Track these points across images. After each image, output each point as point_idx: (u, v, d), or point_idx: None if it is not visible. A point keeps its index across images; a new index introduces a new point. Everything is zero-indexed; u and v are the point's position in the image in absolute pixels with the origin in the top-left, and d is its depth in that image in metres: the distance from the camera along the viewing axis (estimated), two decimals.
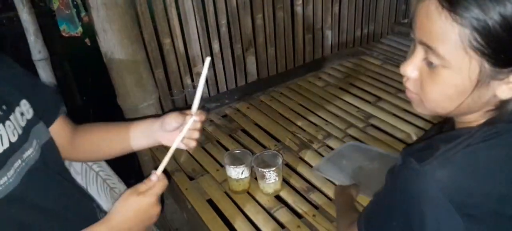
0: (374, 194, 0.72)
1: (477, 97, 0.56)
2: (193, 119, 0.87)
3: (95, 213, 0.94)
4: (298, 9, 1.92)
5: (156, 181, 0.79)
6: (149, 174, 0.80)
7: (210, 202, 1.28)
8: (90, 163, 1.12)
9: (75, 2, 1.48)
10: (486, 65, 0.53)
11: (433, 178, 0.54)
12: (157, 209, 0.79)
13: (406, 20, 2.40)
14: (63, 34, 1.54)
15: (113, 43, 1.37)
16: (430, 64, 0.56)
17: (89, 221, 0.76)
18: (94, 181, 1.18)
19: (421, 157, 0.56)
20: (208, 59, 0.81)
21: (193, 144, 0.90)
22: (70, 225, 0.79)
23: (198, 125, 0.89)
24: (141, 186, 0.77)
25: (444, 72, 0.55)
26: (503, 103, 0.57)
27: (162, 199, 0.80)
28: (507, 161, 0.56)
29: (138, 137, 0.95)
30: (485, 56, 0.52)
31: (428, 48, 0.55)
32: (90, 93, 2.45)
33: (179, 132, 0.86)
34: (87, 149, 0.96)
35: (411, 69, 0.60)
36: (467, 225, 0.54)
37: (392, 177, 0.63)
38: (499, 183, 0.55)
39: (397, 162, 0.61)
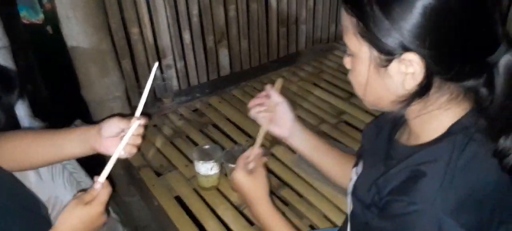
0: None
1: (386, 89, 0.57)
2: (138, 123, 0.83)
3: (43, 223, 0.88)
4: (272, 1, 1.88)
5: (100, 189, 0.78)
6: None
7: (178, 199, 1.24)
8: None
9: None
10: (374, 52, 0.55)
11: (444, 209, 0.52)
12: (103, 218, 0.79)
13: None
14: (24, 21, 1.46)
15: (77, 31, 1.30)
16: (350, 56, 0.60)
17: None
18: (60, 173, 1.12)
19: (418, 190, 0.54)
20: (155, 65, 0.84)
21: (134, 150, 0.87)
22: None
23: (142, 130, 0.86)
24: (86, 196, 0.77)
25: (353, 61, 0.60)
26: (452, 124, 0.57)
27: (107, 209, 0.80)
28: (488, 166, 0.55)
29: (71, 144, 0.88)
30: (370, 42, 0.55)
31: None
32: (54, 84, 2.35)
33: (119, 138, 0.83)
34: (10, 158, 0.87)
35: (346, 62, 0.63)
36: None
37: (402, 224, 0.56)
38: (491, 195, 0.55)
39: (393, 207, 0.57)
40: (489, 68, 0.54)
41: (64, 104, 2.12)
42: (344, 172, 0.89)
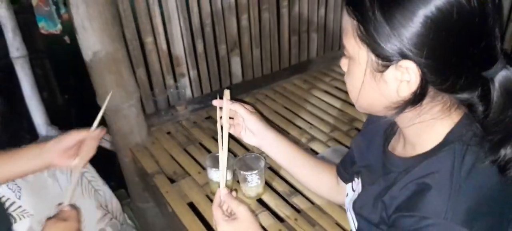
0: None
1: (380, 94, 0.58)
2: (96, 134, 0.91)
3: None
4: (284, 10, 1.90)
5: (69, 209, 0.88)
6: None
7: (191, 205, 1.25)
8: None
9: None
10: (372, 56, 0.55)
11: (457, 220, 0.53)
12: None
13: None
14: (42, 31, 1.50)
15: (93, 41, 1.33)
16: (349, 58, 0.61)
17: None
18: (79, 181, 1.15)
19: (427, 203, 0.54)
20: (110, 94, 0.99)
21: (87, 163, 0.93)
22: None
23: (96, 143, 0.93)
24: (61, 214, 0.87)
25: (350, 63, 0.60)
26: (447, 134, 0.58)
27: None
28: (488, 174, 0.55)
29: (25, 160, 0.91)
30: (369, 46, 0.55)
31: None
32: (72, 92, 2.39)
33: (75, 150, 0.89)
34: None
35: (342, 64, 0.63)
36: None
37: None
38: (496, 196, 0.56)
39: (404, 223, 0.56)
40: (485, 82, 0.55)
41: (80, 112, 2.16)
42: (320, 181, 0.91)
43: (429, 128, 0.59)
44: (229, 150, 1.43)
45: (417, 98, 0.56)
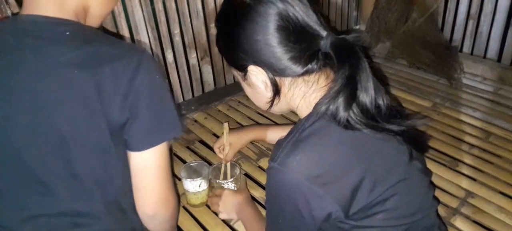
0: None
1: (259, 93, 0.74)
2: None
3: None
4: None
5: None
6: None
7: None
8: None
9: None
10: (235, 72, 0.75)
11: (287, 168, 0.63)
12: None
13: (358, 27, 2.46)
14: None
15: None
16: None
17: None
18: None
19: (274, 156, 0.66)
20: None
21: None
22: None
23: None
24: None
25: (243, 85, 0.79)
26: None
27: None
28: (327, 130, 0.65)
29: None
30: (230, 65, 0.75)
31: None
32: None
33: None
34: None
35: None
36: (327, 192, 0.63)
37: (266, 183, 0.71)
38: (335, 150, 0.65)
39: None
40: (324, 54, 0.67)
41: None
42: None
43: (305, 104, 0.71)
44: (204, 159, 1.44)
45: (275, 89, 0.70)
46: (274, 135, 1.20)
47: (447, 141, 1.50)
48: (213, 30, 1.79)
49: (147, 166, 0.73)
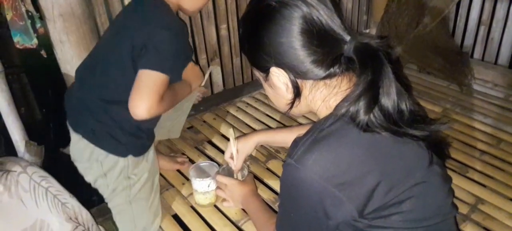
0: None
1: (279, 95, 0.74)
2: None
3: None
4: None
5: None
6: None
7: (176, 217, 1.24)
8: (37, 179, 1.08)
9: (30, 13, 1.41)
10: (257, 73, 0.76)
11: (303, 165, 0.63)
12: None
13: (367, 31, 2.46)
14: (17, 46, 1.46)
15: (71, 55, 1.31)
16: None
17: None
18: (43, 197, 1.13)
19: (291, 153, 0.67)
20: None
21: None
22: None
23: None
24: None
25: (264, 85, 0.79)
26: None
27: None
28: (346, 132, 0.65)
29: None
30: (253, 66, 0.75)
31: None
32: (50, 107, 2.34)
33: None
34: None
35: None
36: (342, 192, 0.63)
37: (281, 178, 0.71)
38: (352, 151, 0.64)
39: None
40: (350, 60, 0.66)
41: (59, 126, 2.12)
42: None
43: (325, 107, 0.72)
44: (212, 159, 1.44)
45: (296, 91, 0.70)
46: (280, 138, 1.20)
47: (457, 147, 1.49)
48: (224, 32, 1.80)
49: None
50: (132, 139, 1.10)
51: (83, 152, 1.12)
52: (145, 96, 0.98)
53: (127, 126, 1.08)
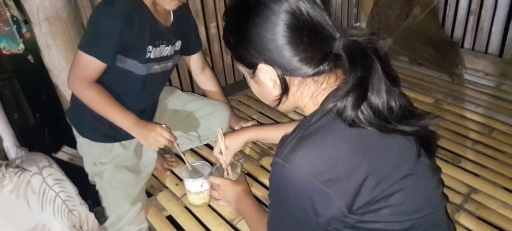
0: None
1: (266, 91, 0.72)
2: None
3: None
4: None
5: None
6: None
7: (170, 218, 1.24)
8: (51, 182, 1.08)
9: (15, 18, 1.39)
10: (243, 68, 0.73)
11: (290, 163, 0.63)
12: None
13: (358, 24, 2.46)
14: (4, 52, 1.45)
15: (58, 59, 1.30)
16: None
17: None
18: (51, 202, 1.11)
19: (278, 152, 0.66)
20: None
21: None
22: None
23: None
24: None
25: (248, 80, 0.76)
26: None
27: None
28: (332, 127, 0.64)
29: None
30: (238, 62, 0.73)
31: None
32: (42, 112, 2.32)
33: None
34: None
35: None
36: (330, 188, 0.63)
37: (270, 177, 0.71)
38: (339, 147, 0.64)
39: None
40: (335, 56, 0.66)
41: (52, 131, 2.10)
42: None
43: (312, 103, 0.71)
44: (206, 159, 1.43)
45: (284, 88, 0.69)
46: (269, 134, 1.19)
47: (449, 137, 1.50)
48: (213, 30, 1.79)
49: None
50: (92, 120, 1.19)
51: (77, 144, 1.26)
52: (70, 71, 1.14)
53: (87, 107, 1.17)
